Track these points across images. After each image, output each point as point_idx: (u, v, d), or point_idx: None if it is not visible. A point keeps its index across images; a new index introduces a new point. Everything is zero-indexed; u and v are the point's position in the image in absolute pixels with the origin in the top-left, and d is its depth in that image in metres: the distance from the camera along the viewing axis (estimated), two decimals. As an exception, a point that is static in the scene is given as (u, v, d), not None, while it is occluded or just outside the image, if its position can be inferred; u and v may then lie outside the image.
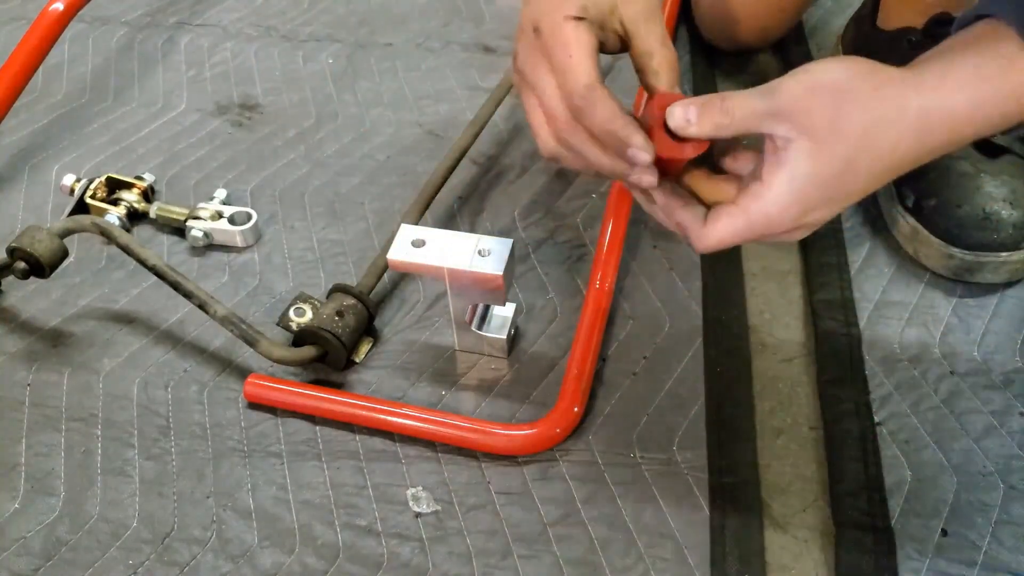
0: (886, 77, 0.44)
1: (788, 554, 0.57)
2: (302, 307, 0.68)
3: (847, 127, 0.43)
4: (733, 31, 0.95)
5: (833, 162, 0.43)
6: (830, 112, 0.43)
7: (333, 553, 0.58)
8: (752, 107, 0.45)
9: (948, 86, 0.44)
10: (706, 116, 0.45)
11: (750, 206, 0.46)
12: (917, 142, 0.44)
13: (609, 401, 0.65)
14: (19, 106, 0.90)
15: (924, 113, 0.43)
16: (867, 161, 0.44)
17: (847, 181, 0.44)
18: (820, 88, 0.43)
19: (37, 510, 0.60)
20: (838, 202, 0.46)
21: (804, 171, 0.44)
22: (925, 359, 0.66)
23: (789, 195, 0.44)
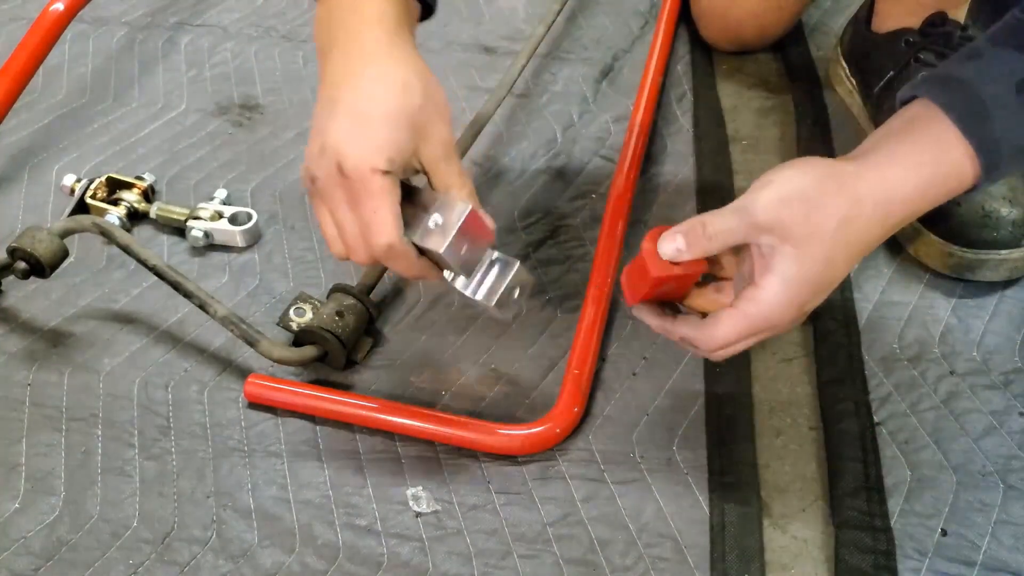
0: (841, 176, 0.49)
1: (788, 554, 0.57)
2: (302, 307, 0.68)
3: (822, 229, 0.48)
4: (732, 30, 0.95)
5: (816, 261, 0.48)
6: (803, 220, 0.48)
7: (333, 553, 0.58)
8: (731, 227, 0.49)
9: (896, 176, 0.48)
10: (692, 244, 0.50)
11: (749, 309, 0.49)
12: (880, 226, 0.49)
13: (609, 401, 0.65)
14: (19, 106, 0.90)
15: (881, 204, 0.48)
16: (844, 253, 0.49)
17: (830, 273, 0.49)
18: (787, 199, 0.48)
19: (37, 510, 0.60)
20: (824, 291, 0.50)
21: (792, 274, 0.48)
22: (925, 359, 0.66)
23: (784, 296, 0.49)
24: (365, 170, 0.49)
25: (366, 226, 0.50)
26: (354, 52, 0.52)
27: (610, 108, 0.92)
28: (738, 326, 0.50)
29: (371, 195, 0.49)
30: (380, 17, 0.52)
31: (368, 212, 0.50)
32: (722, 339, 0.50)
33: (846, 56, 0.89)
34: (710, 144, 0.86)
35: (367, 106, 0.50)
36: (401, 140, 0.50)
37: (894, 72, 0.79)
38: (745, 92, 0.93)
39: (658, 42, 0.96)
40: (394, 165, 0.50)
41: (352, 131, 0.50)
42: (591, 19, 1.05)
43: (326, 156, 0.50)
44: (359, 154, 0.49)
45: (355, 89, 0.51)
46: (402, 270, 0.53)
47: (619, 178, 0.79)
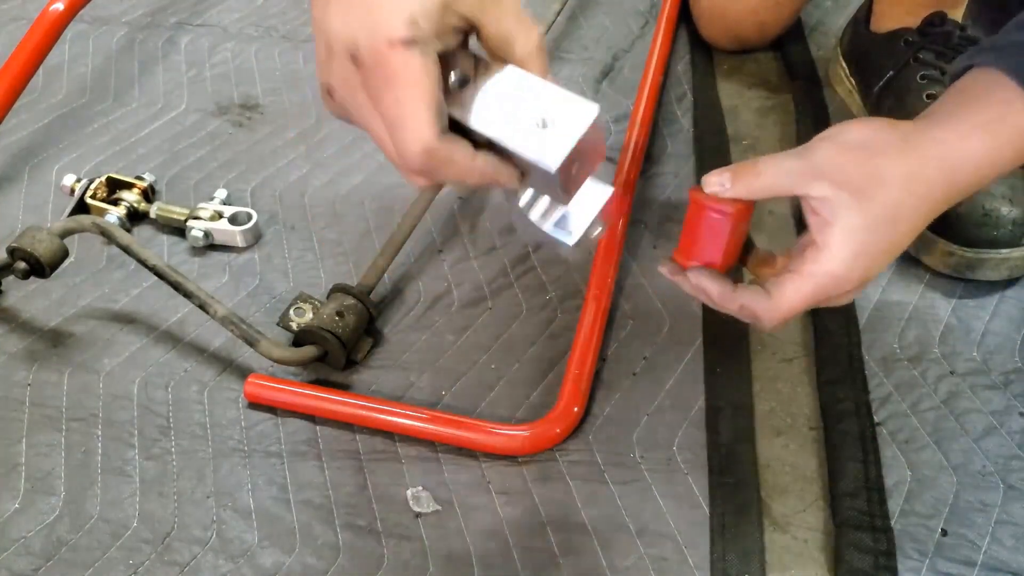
0: (906, 131, 0.46)
1: (788, 554, 0.57)
2: (302, 307, 0.68)
3: (885, 177, 0.45)
4: (731, 28, 0.95)
5: (881, 209, 0.45)
6: (866, 165, 0.45)
7: (333, 553, 0.58)
8: (785, 167, 0.46)
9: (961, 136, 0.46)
10: (739, 178, 0.47)
11: (813, 269, 0.46)
12: (945, 185, 0.46)
13: (609, 401, 0.65)
14: (19, 106, 0.90)
15: (946, 160, 0.46)
16: (909, 209, 0.45)
17: (895, 230, 0.45)
18: (851, 146, 0.46)
19: (37, 510, 0.60)
20: (889, 253, 0.47)
21: (856, 223, 0.45)
22: (925, 359, 0.66)
23: (849, 249, 0.45)
24: (381, 47, 0.37)
25: (392, 126, 0.39)
26: None
27: (610, 108, 0.92)
28: (803, 290, 0.46)
29: (389, 80, 0.37)
30: None
31: (392, 103, 0.38)
32: (787, 306, 0.47)
33: (846, 56, 0.89)
34: (710, 144, 0.86)
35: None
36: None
37: (893, 72, 0.79)
38: (745, 92, 0.93)
39: (658, 42, 0.96)
40: (420, 30, 0.37)
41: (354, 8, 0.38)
42: (591, 19, 1.05)
43: (335, 52, 0.39)
44: (370, 27, 0.37)
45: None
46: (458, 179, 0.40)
47: (619, 178, 0.79)
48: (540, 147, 0.38)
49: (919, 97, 0.76)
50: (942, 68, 0.76)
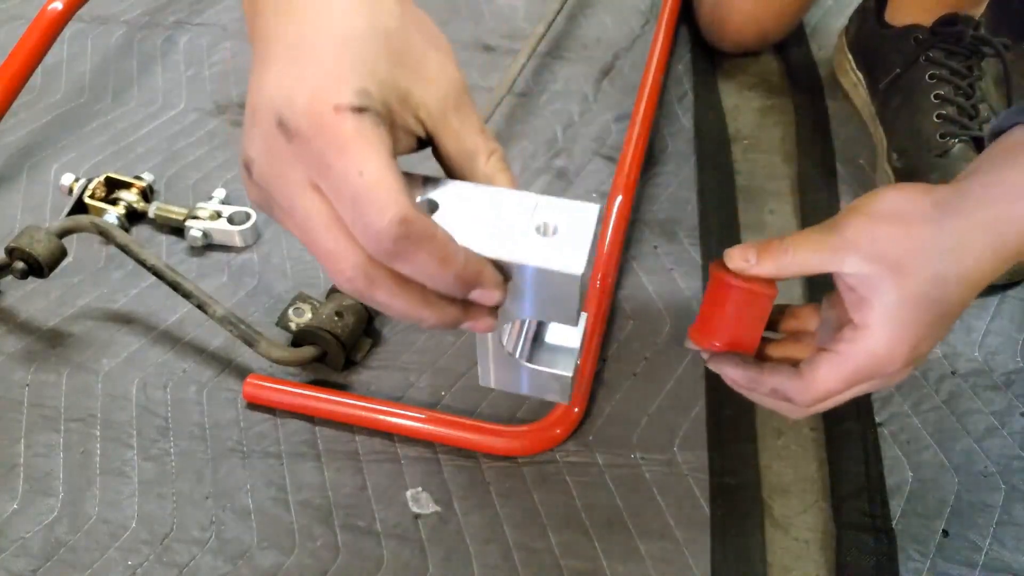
0: (944, 195, 0.42)
1: (789, 555, 0.56)
2: (301, 307, 0.68)
3: (927, 248, 0.41)
4: (733, 35, 0.95)
5: (922, 285, 0.41)
6: (902, 238, 0.41)
7: (332, 554, 0.57)
8: (815, 242, 0.43)
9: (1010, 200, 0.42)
10: (766, 254, 0.43)
11: (852, 349, 0.42)
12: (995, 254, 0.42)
13: (609, 401, 0.65)
14: (18, 106, 0.90)
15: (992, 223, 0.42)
16: (956, 276, 0.41)
17: (945, 301, 0.42)
18: (883, 217, 0.42)
19: (36, 510, 0.60)
20: (939, 324, 0.42)
21: (895, 300, 0.41)
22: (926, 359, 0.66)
23: (890, 328, 0.42)
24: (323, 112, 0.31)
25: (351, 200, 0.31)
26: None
27: (611, 107, 0.91)
28: (841, 371, 0.43)
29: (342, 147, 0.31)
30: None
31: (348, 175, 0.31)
32: (823, 388, 0.43)
33: (852, 47, 0.89)
34: (711, 144, 0.86)
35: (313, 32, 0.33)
36: (374, 63, 0.33)
37: (901, 69, 0.79)
38: (746, 92, 0.93)
39: (659, 41, 0.95)
40: (372, 100, 0.32)
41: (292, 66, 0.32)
42: (592, 18, 1.05)
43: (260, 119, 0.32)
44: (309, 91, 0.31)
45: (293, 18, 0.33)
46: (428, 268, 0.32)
47: (619, 178, 0.79)
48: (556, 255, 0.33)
49: (927, 97, 0.75)
50: (951, 68, 0.76)
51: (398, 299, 0.33)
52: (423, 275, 0.33)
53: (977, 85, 0.75)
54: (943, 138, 0.73)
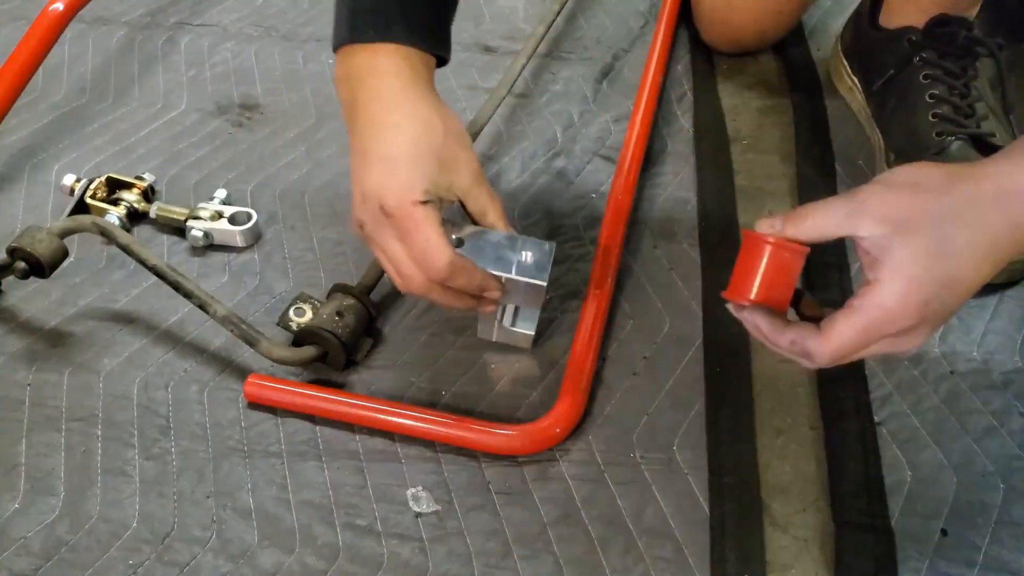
0: (958, 169, 0.46)
1: (788, 554, 0.57)
2: (302, 307, 0.68)
3: (932, 209, 0.44)
4: (732, 35, 0.95)
5: (929, 242, 0.44)
6: (909, 201, 0.45)
7: (333, 553, 0.58)
8: (833, 211, 0.47)
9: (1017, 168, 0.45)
10: (790, 220, 0.48)
11: (863, 303, 0.45)
12: (1007, 222, 0.44)
13: (609, 401, 0.65)
14: (19, 106, 0.90)
15: (1003, 192, 0.44)
16: (966, 239, 0.44)
17: (951, 263, 0.44)
18: (897, 185, 0.46)
19: (37, 510, 0.60)
20: (950, 287, 0.45)
21: (904, 257, 0.44)
22: (925, 359, 0.66)
23: (899, 283, 0.44)
24: (406, 204, 0.53)
25: (421, 253, 0.54)
26: (376, 106, 0.55)
27: (610, 108, 0.92)
28: (855, 324, 0.46)
29: (417, 225, 0.54)
30: (396, 71, 0.55)
31: (420, 241, 0.54)
32: (838, 343, 0.46)
33: (847, 52, 0.89)
34: (710, 144, 0.86)
35: (396, 150, 0.54)
36: (432, 173, 0.54)
37: (895, 71, 0.79)
38: (745, 92, 0.93)
39: (658, 42, 0.96)
40: (430, 195, 0.54)
41: (386, 173, 0.54)
42: (591, 19, 1.05)
43: (368, 201, 0.55)
44: (397, 191, 0.53)
45: (382, 137, 0.55)
46: (464, 285, 0.56)
47: (619, 178, 0.79)
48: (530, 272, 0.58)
49: (922, 96, 0.76)
50: (945, 68, 0.76)
51: (442, 297, 0.58)
52: (459, 286, 0.57)
53: (972, 84, 0.75)
54: (939, 136, 0.73)
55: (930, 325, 0.46)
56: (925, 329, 0.46)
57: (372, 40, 0.56)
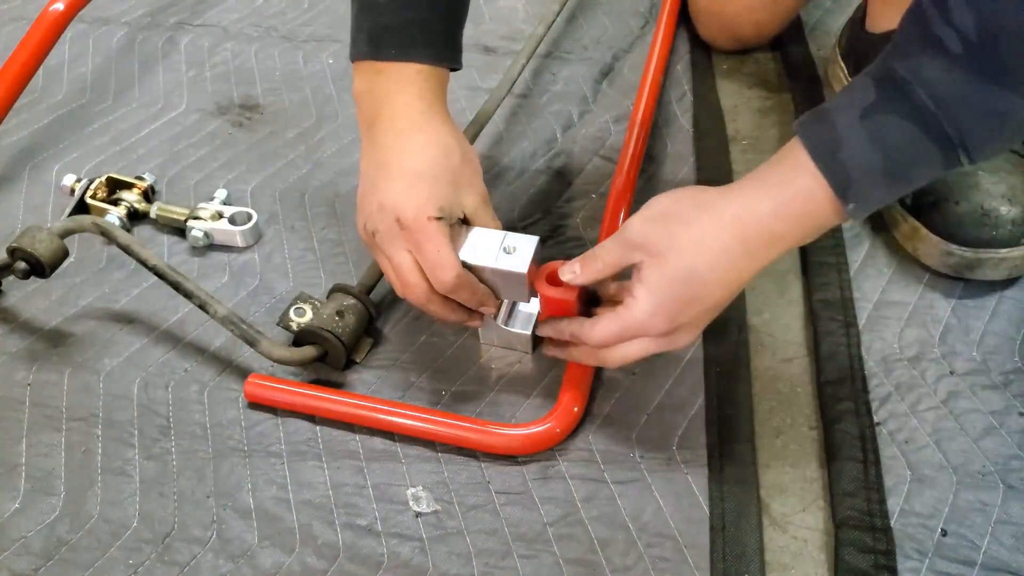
0: (706, 196, 0.52)
1: (788, 554, 0.57)
2: (302, 307, 0.68)
3: (679, 239, 0.51)
4: (728, 27, 0.95)
5: (675, 270, 0.52)
6: (662, 233, 0.52)
7: (333, 553, 0.58)
8: (611, 250, 0.55)
9: (753, 194, 0.51)
10: (586, 267, 0.57)
11: (622, 313, 0.54)
12: (740, 242, 0.51)
13: (609, 401, 0.65)
14: (20, 106, 0.90)
15: (737, 218, 0.50)
16: (706, 264, 0.51)
17: (694, 284, 0.52)
18: (653, 218, 0.53)
19: (37, 510, 0.60)
20: (698, 304, 0.53)
21: (654, 281, 0.52)
22: (924, 359, 0.66)
23: (648, 302, 0.53)
24: (423, 219, 0.57)
25: (432, 265, 0.57)
26: (402, 123, 0.59)
27: (610, 108, 0.92)
28: (613, 326, 0.55)
29: (430, 238, 0.57)
30: (421, 94, 0.59)
31: (432, 252, 0.57)
32: (598, 335, 0.55)
33: (844, 56, 0.89)
34: (710, 144, 0.86)
35: (418, 167, 0.58)
36: (447, 193, 0.58)
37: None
38: (745, 92, 0.94)
39: (658, 42, 0.96)
40: (444, 212, 0.58)
41: (407, 189, 0.57)
42: (591, 19, 1.05)
43: (385, 212, 0.58)
44: (416, 206, 0.57)
45: (405, 154, 0.58)
46: (466, 299, 0.60)
47: (619, 178, 0.79)
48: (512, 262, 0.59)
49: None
50: None
51: (440, 308, 0.61)
52: (461, 299, 0.60)
53: None
54: None
55: (687, 331, 0.55)
56: (684, 334, 0.55)
57: (394, 59, 0.59)
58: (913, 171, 0.48)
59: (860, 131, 0.48)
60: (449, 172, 0.59)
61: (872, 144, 0.47)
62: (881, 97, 0.48)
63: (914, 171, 0.48)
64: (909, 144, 0.47)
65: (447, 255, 0.57)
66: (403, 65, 0.59)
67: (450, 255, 0.57)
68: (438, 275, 0.58)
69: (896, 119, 0.47)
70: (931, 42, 0.46)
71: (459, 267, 0.58)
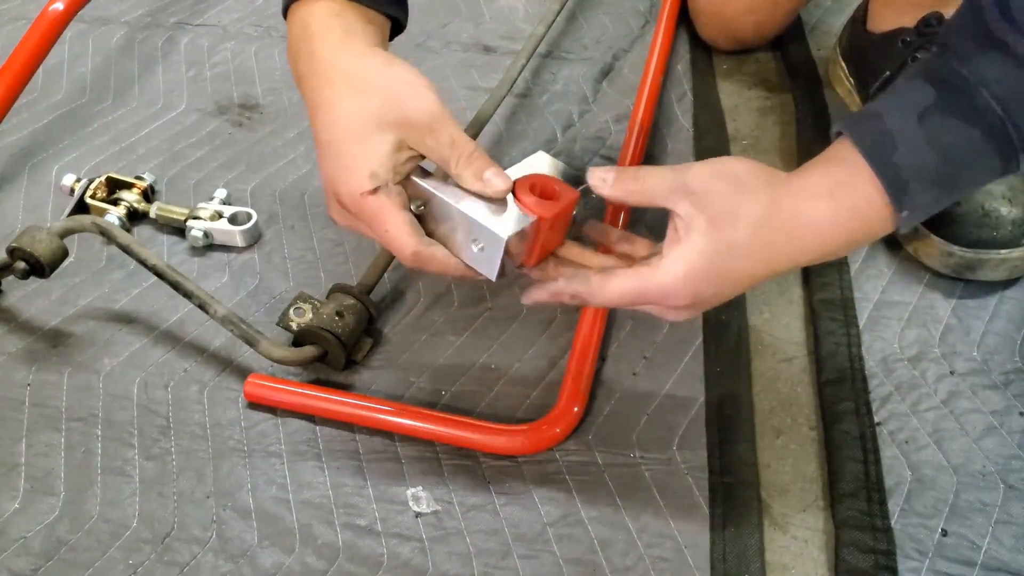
0: (773, 177, 0.48)
1: (788, 554, 0.57)
2: (302, 307, 0.68)
3: (742, 213, 0.47)
4: (728, 27, 0.95)
5: (725, 244, 0.47)
6: (728, 197, 0.47)
7: (333, 553, 0.58)
8: (662, 179, 0.49)
9: (809, 195, 0.47)
10: (620, 180, 0.50)
11: (645, 273, 0.49)
12: (788, 240, 0.47)
13: (609, 401, 0.65)
14: (19, 106, 0.90)
15: (793, 217, 0.47)
16: (750, 248, 0.47)
17: (732, 264, 0.48)
18: (723, 175, 0.48)
19: (37, 510, 0.60)
20: (721, 284, 0.48)
21: (698, 247, 0.47)
22: (925, 359, 0.66)
23: (683, 268, 0.48)
24: (356, 197, 0.50)
25: (388, 245, 0.51)
26: (311, 82, 0.51)
27: (610, 108, 0.92)
28: (631, 288, 0.49)
29: (374, 217, 0.50)
30: (325, 32, 0.51)
31: (382, 234, 0.51)
32: (609, 294, 0.50)
33: (844, 56, 0.89)
34: (710, 144, 0.86)
35: (332, 134, 0.50)
36: (374, 150, 0.49)
37: (891, 72, 0.79)
38: (745, 92, 0.93)
39: (658, 41, 0.96)
40: (379, 179, 0.49)
41: (331, 163, 0.51)
42: (591, 19, 1.05)
43: (328, 195, 0.53)
44: (345, 184, 0.50)
45: (319, 120, 0.51)
46: (435, 272, 0.53)
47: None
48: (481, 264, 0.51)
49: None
50: None
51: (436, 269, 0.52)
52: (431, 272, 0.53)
53: None
54: None
55: (696, 308, 0.51)
56: (690, 311, 0.51)
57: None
58: (968, 177, 0.46)
59: (917, 131, 0.45)
60: (369, 122, 0.49)
61: (929, 146, 0.45)
62: (941, 98, 0.45)
63: (967, 177, 0.46)
64: (968, 147, 0.45)
65: (394, 233, 0.50)
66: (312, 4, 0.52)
67: (398, 232, 0.50)
68: (397, 255, 0.52)
69: (957, 121, 0.45)
70: (993, 43, 0.44)
71: (414, 244, 0.50)
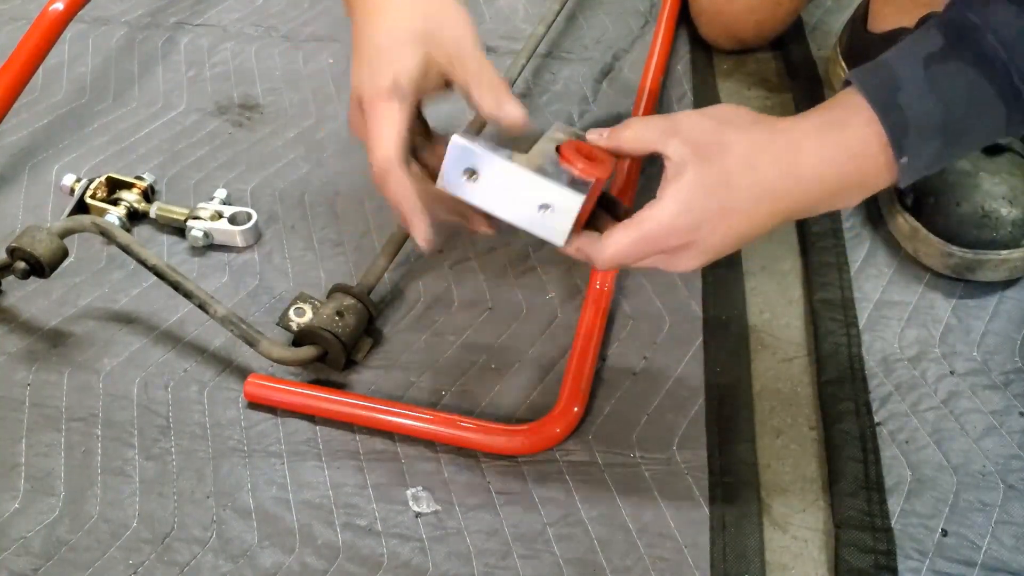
0: (764, 116, 0.50)
1: (788, 554, 0.57)
2: (302, 307, 0.68)
3: (731, 142, 0.48)
4: (729, 27, 0.95)
5: (716, 173, 0.48)
6: (716, 130, 0.49)
7: (333, 553, 0.58)
8: (651, 125, 0.51)
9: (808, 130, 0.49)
10: (614, 131, 0.52)
11: (642, 215, 0.50)
12: (788, 171, 0.48)
13: (609, 401, 0.65)
14: (19, 106, 0.90)
15: (785, 147, 0.48)
16: (747, 179, 0.48)
17: (726, 195, 0.48)
18: (710, 115, 0.50)
19: (37, 510, 0.60)
20: (726, 219, 0.49)
21: (690, 180, 0.48)
22: (925, 359, 0.66)
23: (677, 201, 0.48)
24: (373, 95, 0.51)
25: (369, 147, 0.51)
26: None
27: (610, 108, 0.92)
28: (630, 236, 0.50)
29: (375, 118, 0.51)
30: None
31: (372, 135, 0.51)
32: (614, 249, 0.51)
33: (845, 56, 0.89)
34: (710, 144, 0.86)
35: (370, 44, 0.52)
36: (404, 61, 0.51)
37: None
38: (745, 91, 0.93)
39: (658, 41, 0.96)
40: (400, 88, 0.50)
41: (362, 67, 0.52)
42: (591, 19, 1.05)
43: (353, 102, 0.53)
44: (369, 86, 0.51)
45: (362, 32, 0.53)
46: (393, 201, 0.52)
47: (619, 177, 0.79)
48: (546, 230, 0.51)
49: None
50: None
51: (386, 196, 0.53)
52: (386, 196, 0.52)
53: None
54: None
55: (701, 251, 0.50)
56: (696, 253, 0.50)
57: None
58: (971, 126, 0.46)
59: (921, 76, 0.45)
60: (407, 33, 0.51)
61: (932, 91, 0.45)
62: (947, 43, 0.45)
63: (972, 127, 0.46)
64: (972, 94, 0.45)
65: (381, 133, 0.50)
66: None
67: (386, 138, 0.50)
68: (369, 157, 0.51)
69: (961, 65, 0.45)
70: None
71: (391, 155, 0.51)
